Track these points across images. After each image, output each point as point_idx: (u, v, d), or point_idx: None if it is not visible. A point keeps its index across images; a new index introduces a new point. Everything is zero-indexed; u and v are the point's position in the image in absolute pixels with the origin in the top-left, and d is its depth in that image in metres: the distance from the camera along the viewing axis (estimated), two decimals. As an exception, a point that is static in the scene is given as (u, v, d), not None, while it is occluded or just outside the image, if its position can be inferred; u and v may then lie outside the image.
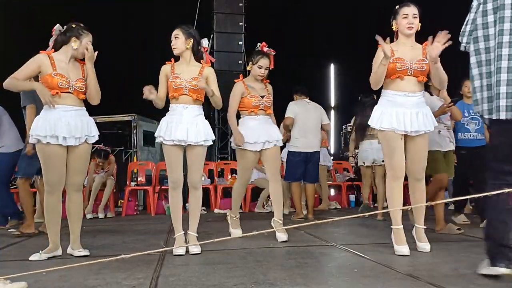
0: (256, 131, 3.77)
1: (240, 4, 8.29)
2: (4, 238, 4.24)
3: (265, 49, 3.86)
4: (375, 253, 3.13)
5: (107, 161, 6.74)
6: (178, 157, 3.30)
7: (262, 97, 3.83)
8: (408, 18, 3.10)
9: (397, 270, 2.58)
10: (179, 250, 3.18)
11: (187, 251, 3.22)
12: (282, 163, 5.85)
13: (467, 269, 2.55)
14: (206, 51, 3.47)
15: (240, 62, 8.23)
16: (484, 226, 2.47)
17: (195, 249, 3.21)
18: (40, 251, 3.14)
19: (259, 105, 3.81)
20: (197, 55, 3.38)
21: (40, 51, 3.18)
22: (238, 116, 3.92)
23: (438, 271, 2.56)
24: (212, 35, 8.26)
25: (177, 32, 3.29)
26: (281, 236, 3.66)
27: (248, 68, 3.90)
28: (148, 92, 3.14)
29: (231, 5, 8.28)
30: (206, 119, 3.41)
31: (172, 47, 3.31)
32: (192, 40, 3.30)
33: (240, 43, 8.29)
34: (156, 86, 3.26)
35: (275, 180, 3.85)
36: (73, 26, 3.24)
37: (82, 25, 3.27)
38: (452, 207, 6.16)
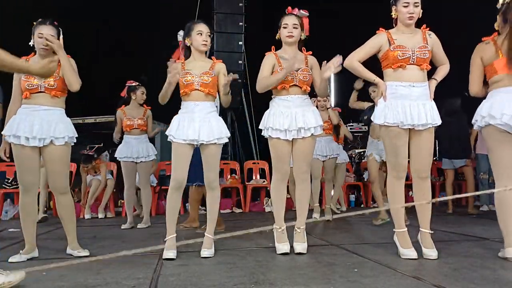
0: (288, 116, 3.14)
1: (240, 4, 8.28)
2: (4, 239, 4.24)
3: (295, 12, 3.26)
4: (375, 253, 3.13)
5: (91, 164, 6.61)
6: (186, 156, 3.15)
7: (297, 70, 3.16)
8: (409, 7, 2.92)
9: (397, 270, 2.58)
10: (169, 253, 3.03)
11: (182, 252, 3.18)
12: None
13: (467, 269, 2.55)
14: (180, 45, 3.34)
15: (240, 62, 8.22)
16: None
17: (206, 252, 3.10)
18: (21, 251, 3.13)
19: (291, 79, 3.15)
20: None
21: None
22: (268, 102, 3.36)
23: (438, 271, 2.56)
24: (212, 35, 8.27)
25: (209, 30, 3.26)
26: (297, 247, 3.14)
27: (277, 37, 3.30)
28: (175, 70, 3.06)
29: (231, 5, 8.27)
30: None
31: (203, 42, 3.22)
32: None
33: (240, 43, 8.27)
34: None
35: (302, 180, 3.23)
36: (34, 23, 3.14)
37: (41, 19, 3.13)
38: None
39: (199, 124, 3.11)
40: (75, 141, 3.24)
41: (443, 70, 3.08)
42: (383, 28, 3.07)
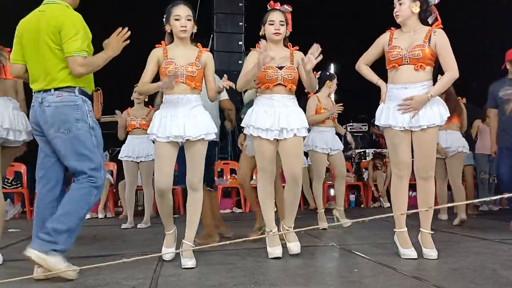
0: (271, 116, 3.01)
1: (240, 4, 8.28)
2: (5, 239, 4.23)
3: (278, 7, 3.15)
4: (375, 253, 3.13)
5: None
6: (171, 157, 2.88)
7: (281, 68, 3.03)
8: (395, 7, 2.95)
9: (397, 270, 2.58)
10: (168, 255, 2.92)
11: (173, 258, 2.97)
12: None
13: (467, 269, 2.55)
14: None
15: (240, 62, 8.22)
16: None
17: (188, 262, 2.77)
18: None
19: (275, 78, 3.01)
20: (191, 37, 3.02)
21: None
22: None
23: (438, 271, 2.57)
24: (212, 35, 8.26)
25: (189, 13, 2.91)
26: (293, 248, 3.06)
27: (261, 33, 3.14)
28: (170, 81, 2.74)
29: (231, 5, 8.28)
30: None
31: (182, 29, 2.88)
32: (195, 24, 2.98)
33: (240, 43, 8.27)
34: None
35: (293, 181, 3.06)
36: None
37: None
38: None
39: (183, 119, 2.84)
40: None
41: (442, 82, 2.92)
42: (394, 28, 3.05)
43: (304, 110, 4.48)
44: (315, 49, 2.91)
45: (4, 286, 2.31)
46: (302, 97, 4.34)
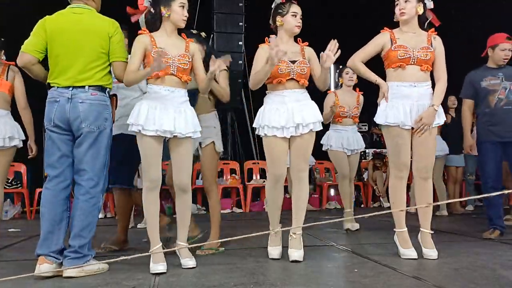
0: (284, 113, 2.88)
1: (240, 4, 8.28)
2: (4, 239, 4.23)
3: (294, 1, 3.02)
4: (375, 253, 3.13)
5: None
6: (158, 150, 2.71)
7: (294, 62, 2.91)
8: (399, 4, 2.93)
9: (397, 270, 2.58)
10: (159, 266, 2.61)
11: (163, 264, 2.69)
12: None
13: (467, 269, 2.55)
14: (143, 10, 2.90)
15: (240, 62, 8.21)
16: None
17: (189, 262, 2.72)
18: None
19: (288, 72, 2.88)
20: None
21: None
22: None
23: (438, 271, 2.57)
24: (212, 35, 8.26)
25: (187, 2, 2.80)
26: (293, 254, 2.87)
27: (279, 24, 2.98)
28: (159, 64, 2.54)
29: (231, 5, 8.27)
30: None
31: (184, 18, 2.78)
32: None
33: (240, 43, 8.27)
34: None
35: (301, 179, 2.96)
36: None
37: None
38: None
39: (174, 114, 2.69)
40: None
41: (440, 93, 2.95)
42: (387, 28, 3.05)
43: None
44: (333, 45, 2.79)
45: (5, 285, 2.32)
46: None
